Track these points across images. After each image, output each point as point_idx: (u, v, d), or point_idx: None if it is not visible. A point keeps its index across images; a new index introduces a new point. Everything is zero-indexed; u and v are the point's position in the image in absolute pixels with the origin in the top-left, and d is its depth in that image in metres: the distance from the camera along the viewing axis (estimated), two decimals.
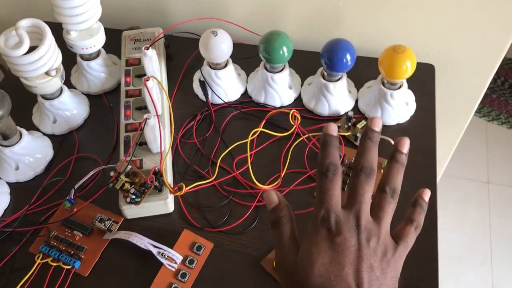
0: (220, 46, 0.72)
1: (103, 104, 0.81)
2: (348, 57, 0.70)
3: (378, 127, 0.45)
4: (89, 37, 0.74)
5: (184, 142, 0.75)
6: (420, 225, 0.45)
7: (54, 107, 0.74)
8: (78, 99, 0.77)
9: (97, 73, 0.79)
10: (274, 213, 0.45)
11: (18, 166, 0.71)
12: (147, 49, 0.72)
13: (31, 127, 0.76)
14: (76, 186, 0.68)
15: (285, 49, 0.71)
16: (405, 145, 0.46)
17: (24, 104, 0.79)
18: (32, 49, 0.65)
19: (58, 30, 0.73)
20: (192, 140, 0.75)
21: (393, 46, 0.69)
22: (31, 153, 0.71)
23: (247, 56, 0.82)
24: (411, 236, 0.44)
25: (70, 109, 0.75)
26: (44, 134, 0.76)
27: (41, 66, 0.66)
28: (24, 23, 0.65)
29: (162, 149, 0.68)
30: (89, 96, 0.81)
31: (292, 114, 0.74)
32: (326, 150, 0.44)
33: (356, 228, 0.41)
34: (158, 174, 0.66)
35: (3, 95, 0.64)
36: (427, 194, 0.47)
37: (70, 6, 0.68)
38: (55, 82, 0.70)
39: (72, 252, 0.64)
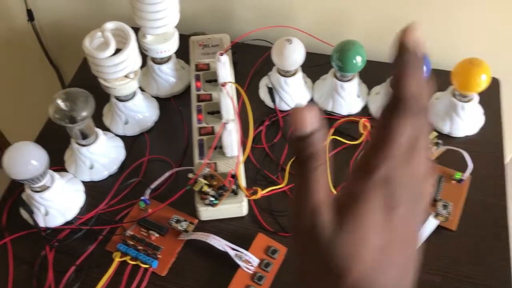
0: (293, 54, 0.74)
1: (171, 107, 0.82)
2: (424, 68, 0.70)
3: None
4: (164, 41, 0.76)
5: (253, 147, 0.76)
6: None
7: (127, 109, 0.75)
8: (149, 102, 0.79)
9: (167, 77, 0.81)
10: (304, 145, 0.29)
11: (92, 165, 0.72)
12: (222, 55, 0.73)
13: (101, 127, 0.77)
14: (152, 187, 0.69)
15: (359, 58, 0.72)
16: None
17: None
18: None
19: None
20: (261, 145, 0.76)
21: (469, 59, 0.70)
22: (106, 153, 0.73)
23: (311, 65, 0.83)
24: (430, 196, 0.35)
25: (142, 112, 0.77)
26: (115, 135, 0.77)
27: (123, 68, 0.68)
28: (110, 25, 0.67)
29: (237, 154, 0.69)
30: (157, 99, 0.82)
31: (362, 123, 0.74)
32: (411, 75, 0.29)
33: (416, 197, 0.30)
34: (234, 177, 0.67)
35: (87, 96, 0.66)
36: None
37: (152, 11, 0.69)
38: (133, 85, 0.72)
39: (149, 251, 0.65)
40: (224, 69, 0.74)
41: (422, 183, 0.30)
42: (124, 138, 0.78)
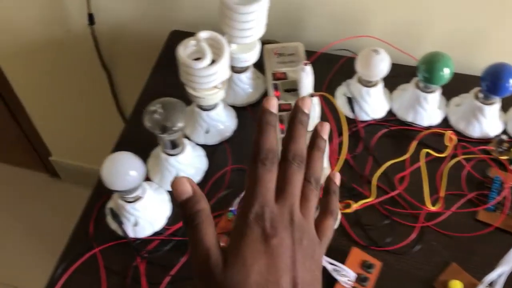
0: (380, 64, 0.73)
1: (247, 116, 0.81)
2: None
3: (308, 109, 0.39)
4: (248, 50, 0.75)
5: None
6: (338, 213, 0.41)
7: (210, 118, 0.75)
8: (228, 111, 0.78)
9: (244, 86, 0.80)
10: (188, 206, 0.36)
11: (178, 175, 0.72)
12: (306, 65, 0.73)
13: None
14: (242, 196, 0.68)
15: (446, 70, 0.72)
16: (326, 130, 0.41)
17: None
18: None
19: None
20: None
21: None
22: (191, 163, 0.72)
23: (389, 75, 0.82)
24: (332, 229, 0.40)
25: (223, 121, 0.76)
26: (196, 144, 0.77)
27: (215, 79, 0.67)
28: (204, 35, 0.66)
29: (326, 165, 0.68)
30: (232, 107, 0.82)
31: (448, 136, 0.74)
32: (266, 132, 0.37)
33: (290, 226, 0.36)
34: None
35: (182, 106, 0.65)
36: (338, 178, 0.43)
37: (245, 20, 0.69)
38: (220, 95, 0.71)
39: None
40: (308, 79, 0.74)
41: (294, 216, 0.36)
42: (203, 147, 0.77)
